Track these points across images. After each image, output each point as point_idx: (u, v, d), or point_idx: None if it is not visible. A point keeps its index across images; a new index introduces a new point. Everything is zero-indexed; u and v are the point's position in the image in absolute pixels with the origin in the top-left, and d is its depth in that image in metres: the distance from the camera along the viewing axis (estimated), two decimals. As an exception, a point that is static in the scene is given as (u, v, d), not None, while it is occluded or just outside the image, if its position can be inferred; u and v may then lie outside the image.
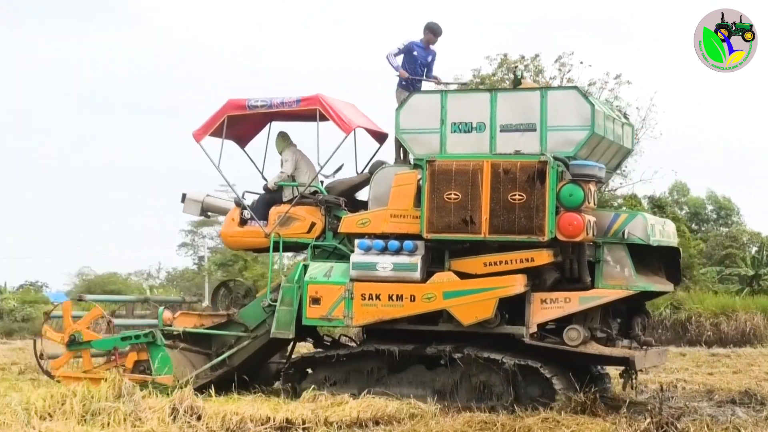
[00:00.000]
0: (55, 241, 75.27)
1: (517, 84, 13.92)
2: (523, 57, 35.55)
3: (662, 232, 13.58)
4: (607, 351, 12.99)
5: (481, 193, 12.80)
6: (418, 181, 13.18)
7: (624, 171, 36.69)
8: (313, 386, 13.05)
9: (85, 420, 10.58)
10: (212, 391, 12.51)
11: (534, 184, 12.65)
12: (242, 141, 15.63)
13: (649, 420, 10.93)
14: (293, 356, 14.70)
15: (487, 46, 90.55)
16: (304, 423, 10.92)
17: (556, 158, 12.74)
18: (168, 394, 11.78)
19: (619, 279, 12.96)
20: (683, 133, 73.51)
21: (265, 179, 15.01)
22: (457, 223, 12.88)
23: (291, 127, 15.34)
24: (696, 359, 22.18)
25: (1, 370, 16.53)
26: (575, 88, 13.14)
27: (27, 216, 77.48)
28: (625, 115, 14.89)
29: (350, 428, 11.06)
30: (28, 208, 78.89)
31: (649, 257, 13.85)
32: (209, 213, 16.01)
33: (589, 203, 12.66)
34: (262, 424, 10.76)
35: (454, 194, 12.89)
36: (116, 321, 14.46)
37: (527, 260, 12.79)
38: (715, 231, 52.12)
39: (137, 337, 13.68)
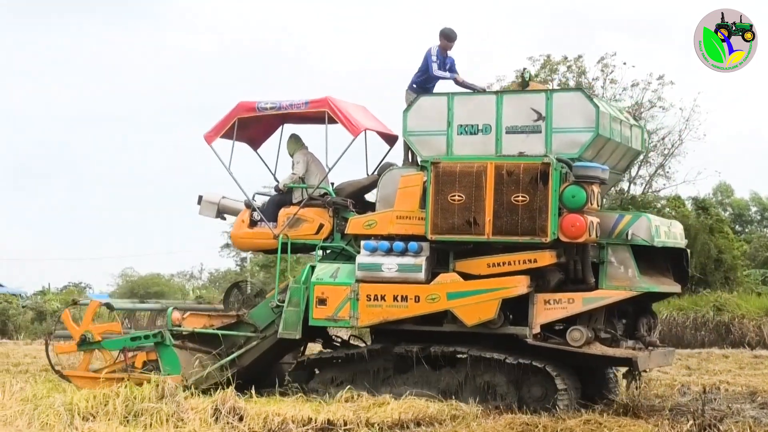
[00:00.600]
0: (99, 242, 75.95)
1: (524, 86, 13.95)
2: (566, 58, 35.67)
3: (668, 233, 13.60)
4: (610, 351, 13.03)
5: (485, 195, 12.89)
6: (424, 182, 13.28)
7: (668, 172, 36.82)
8: (345, 386, 13.14)
9: (127, 421, 10.68)
10: (253, 392, 12.55)
11: (537, 185, 12.72)
12: (255, 143, 15.81)
13: (691, 422, 10.94)
14: (301, 357, 14.80)
15: (530, 47, 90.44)
16: (345, 424, 11.00)
17: (559, 160, 12.80)
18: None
19: (623, 280, 12.99)
20: (728, 134, 73.04)
21: (277, 181, 15.18)
22: (461, 224, 12.97)
23: (303, 130, 15.51)
24: (739, 361, 22.09)
25: (45, 371, 16.67)
26: (580, 89, 13.22)
27: (71, 217, 78.28)
28: (635, 117, 14.90)
29: (391, 429, 11.14)
30: (72, 208, 79.67)
31: (657, 258, 13.89)
32: (225, 215, 16.17)
33: (592, 204, 12.70)
34: (303, 425, 10.86)
35: (458, 196, 12.99)
36: (117, 305, 14.62)
37: (530, 261, 12.86)
38: (759, 233, 51.81)
39: (146, 337, 13.88)
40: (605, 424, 11.10)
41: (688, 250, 14.30)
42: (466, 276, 13.12)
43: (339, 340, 15.02)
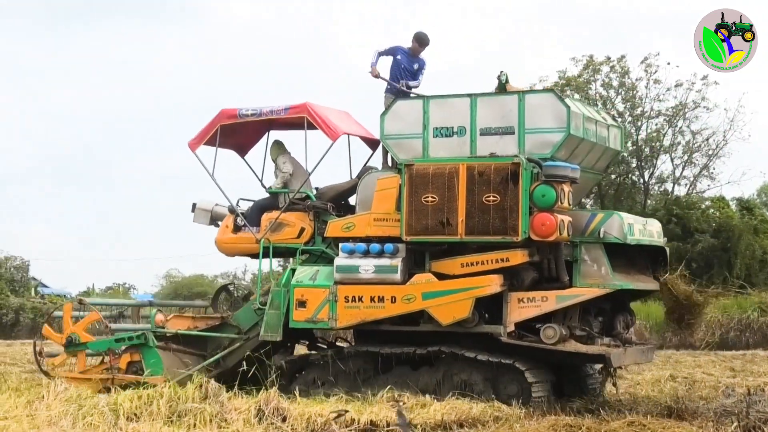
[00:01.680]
0: (143, 243, 76.63)
1: (501, 88, 14.12)
2: (608, 58, 35.80)
3: (643, 231, 13.73)
4: (583, 348, 13.16)
5: (457, 196, 13.08)
6: (400, 185, 13.49)
7: (712, 173, 36.88)
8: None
9: (171, 421, 10.72)
10: (296, 393, 12.63)
11: (507, 185, 12.90)
12: (242, 150, 16.08)
13: (736, 424, 10.89)
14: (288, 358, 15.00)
15: (574, 47, 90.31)
16: (388, 425, 11.07)
17: (530, 160, 12.97)
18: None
19: (596, 278, 13.13)
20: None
21: (264, 186, 15.43)
22: (435, 225, 13.17)
23: (288, 136, 15.76)
24: (785, 362, 21.86)
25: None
26: (551, 90, 13.40)
27: (115, 218, 78.98)
28: (614, 118, 15.05)
29: (434, 431, 11.18)
30: (116, 210, 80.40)
31: (635, 257, 14.05)
32: (218, 222, 16.42)
33: (562, 203, 12.85)
34: (346, 426, 10.94)
35: (431, 197, 13.19)
36: (113, 326, 14.92)
37: (502, 260, 13.03)
38: (804, 233, 51.47)
39: (130, 338, 14.16)
40: (649, 426, 10.95)
41: (667, 248, 14.42)
42: (441, 276, 13.31)
43: (323, 342, 15.22)
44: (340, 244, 13.81)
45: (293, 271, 14.13)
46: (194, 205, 16.15)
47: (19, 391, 12.59)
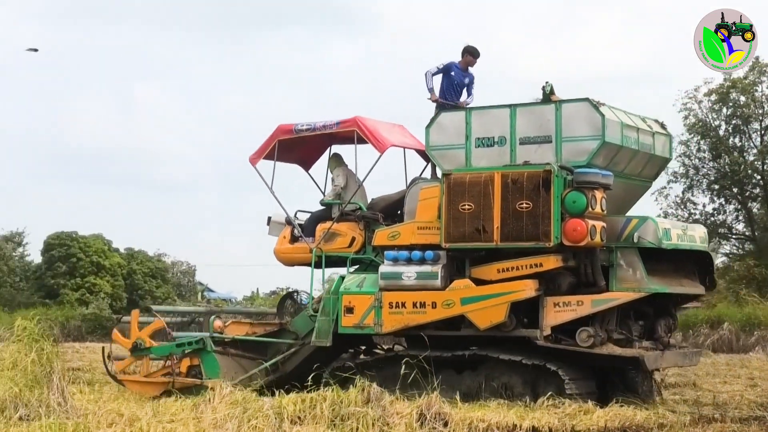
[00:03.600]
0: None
1: (546, 99, 14.44)
2: None
3: (681, 236, 13.88)
4: (617, 351, 13.39)
5: (493, 203, 13.48)
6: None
7: None
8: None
9: (334, 424, 10.84)
10: (458, 397, 12.64)
11: (540, 192, 13.25)
12: (305, 164, 16.79)
13: None
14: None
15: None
16: (550, 431, 11.07)
17: (562, 167, 13.30)
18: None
19: (632, 282, 13.36)
20: None
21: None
22: (471, 232, 13.60)
23: (350, 149, 16.34)
24: None
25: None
26: (587, 99, 13.64)
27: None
28: (663, 125, 15.18)
29: None
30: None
31: (683, 262, 14.24)
32: None
33: (593, 209, 13.13)
34: (508, 431, 11.01)
35: (468, 205, 13.63)
36: (176, 334, 15.71)
37: (536, 266, 13.38)
38: None
39: (189, 343, 14.93)
40: None
41: (711, 253, 14.53)
42: (479, 282, 13.72)
43: (383, 347, 15.74)
44: (385, 252, 14.33)
45: (342, 278, 14.70)
46: (269, 218, 16.85)
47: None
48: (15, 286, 50.45)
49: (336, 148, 16.39)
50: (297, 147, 16.18)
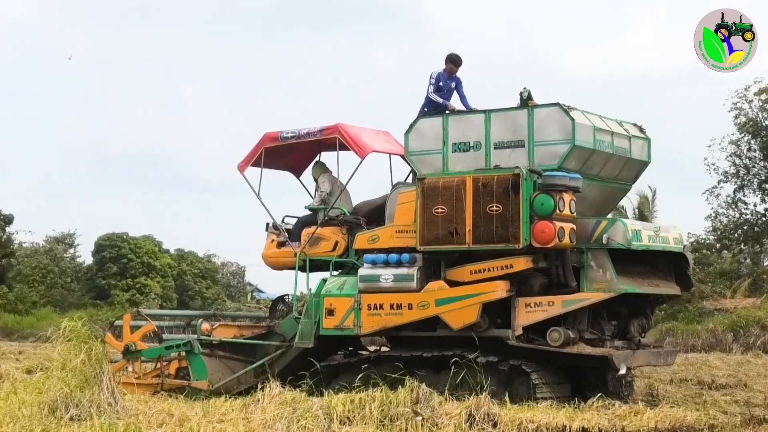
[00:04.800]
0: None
1: (523, 104, 14.69)
2: None
3: (653, 237, 14.12)
4: (586, 350, 13.65)
5: (465, 206, 13.82)
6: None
7: None
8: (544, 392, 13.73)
9: (383, 425, 10.84)
10: (507, 398, 12.68)
11: (509, 195, 13.56)
12: (296, 171, 17.19)
13: None
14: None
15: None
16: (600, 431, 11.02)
17: (532, 170, 13.61)
18: (203, 398, 13.26)
19: (602, 282, 13.63)
20: None
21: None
22: (444, 235, 13.94)
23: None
24: None
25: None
26: (557, 104, 13.92)
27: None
28: (641, 129, 15.39)
29: None
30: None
31: (660, 263, 14.49)
32: None
33: (561, 211, 13.42)
34: None
35: (441, 208, 13.97)
36: (145, 312, 16.17)
37: (507, 267, 13.69)
38: None
39: (177, 346, 15.36)
40: None
41: (688, 254, 14.76)
42: (453, 283, 14.04)
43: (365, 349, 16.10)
44: (364, 255, 14.69)
45: (325, 281, 15.08)
46: (268, 224, 17.26)
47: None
48: (66, 287, 51.18)
49: (325, 155, 16.78)
50: (286, 154, 16.59)
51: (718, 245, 38.87)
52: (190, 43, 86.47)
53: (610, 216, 15.65)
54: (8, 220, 48.45)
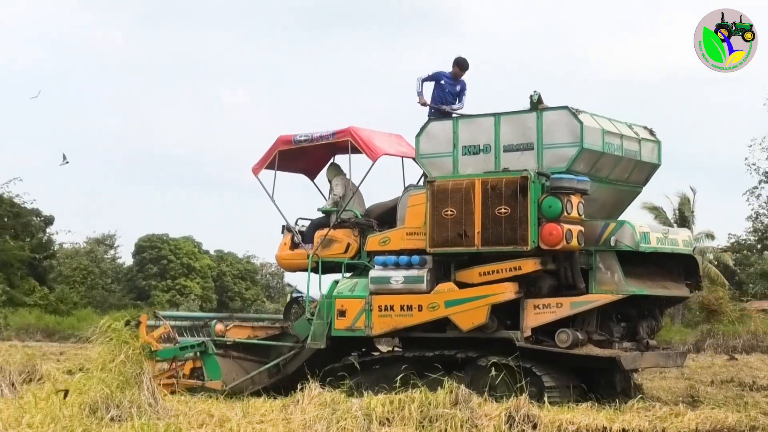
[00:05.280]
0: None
1: (533, 107, 14.80)
2: None
3: (662, 240, 14.21)
4: (595, 352, 13.75)
5: (474, 209, 13.95)
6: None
7: None
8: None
9: (422, 426, 10.83)
10: (546, 400, 12.60)
11: (517, 198, 13.69)
12: (311, 174, 17.38)
13: None
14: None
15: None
16: None
17: (540, 173, 13.73)
18: (217, 398, 13.46)
19: (610, 284, 13.73)
20: None
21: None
22: (454, 237, 14.08)
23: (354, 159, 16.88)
24: None
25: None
26: (566, 107, 14.03)
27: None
28: (651, 132, 15.48)
29: None
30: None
31: (669, 265, 14.59)
32: None
33: (569, 213, 13.53)
34: None
35: (451, 211, 14.10)
36: (162, 314, 16.39)
37: (515, 269, 13.82)
38: None
39: (192, 346, 15.56)
40: None
41: (697, 257, 14.84)
42: (463, 285, 14.18)
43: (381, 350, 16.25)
44: (375, 257, 14.85)
45: (336, 283, 15.25)
46: (283, 226, 17.46)
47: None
48: (107, 287, 51.72)
49: (340, 158, 16.95)
50: (300, 157, 16.76)
51: (759, 246, 38.79)
52: (228, 45, 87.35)
53: (623, 218, 15.71)
54: (49, 221, 49.18)
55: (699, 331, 28.37)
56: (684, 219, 46.72)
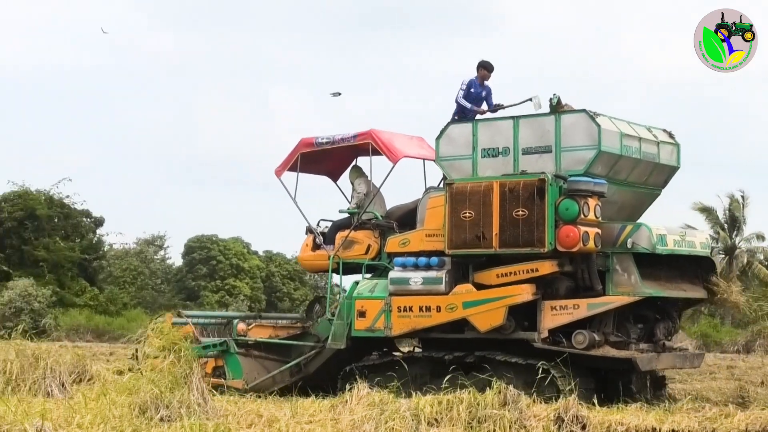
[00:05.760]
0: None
1: (553, 110, 14.90)
2: None
3: (679, 242, 14.30)
4: (611, 353, 13.87)
5: (492, 211, 14.10)
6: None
7: None
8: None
9: (471, 426, 10.77)
10: (596, 401, 12.40)
11: (534, 200, 13.83)
12: (333, 175, 17.58)
13: None
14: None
15: None
16: None
17: (557, 176, 13.86)
18: (239, 396, 13.64)
19: (627, 286, 13.85)
20: None
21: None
22: (472, 239, 14.24)
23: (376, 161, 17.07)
24: None
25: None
26: (584, 111, 14.16)
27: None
28: (671, 135, 15.57)
29: None
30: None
31: (686, 267, 14.69)
32: None
33: (586, 216, 13.66)
34: None
35: (469, 213, 14.26)
36: (187, 313, 16.64)
37: (532, 270, 13.96)
38: None
39: (214, 346, 15.79)
40: None
41: (714, 259, 14.93)
42: (481, 286, 14.33)
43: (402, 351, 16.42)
44: (394, 259, 15.03)
45: (357, 284, 15.44)
46: (307, 228, 17.66)
47: None
48: (156, 288, 52.07)
49: (363, 160, 17.14)
50: (323, 159, 16.97)
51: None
52: (276, 46, 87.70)
53: (640, 221, 15.80)
54: (99, 222, 49.70)
55: (749, 331, 28.33)
56: (734, 220, 46.96)
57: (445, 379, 12.96)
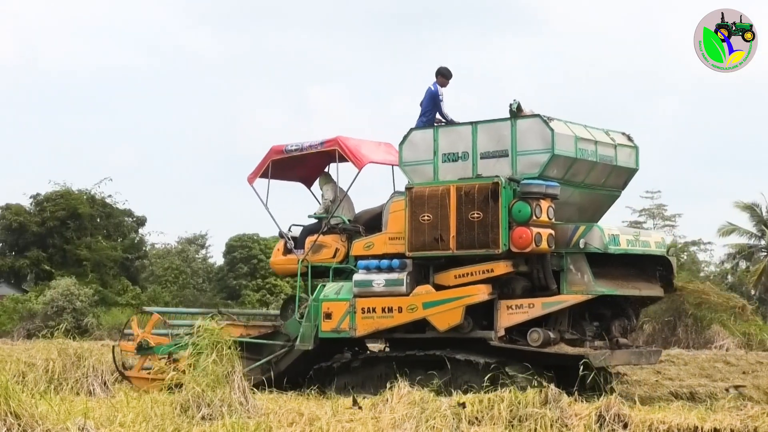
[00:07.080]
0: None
1: (513, 116, 15.31)
2: None
3: (632, 242, 14.72)
4: (564, 350, 14.28)
5: (449, 214, 14.55)
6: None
7: None
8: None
9: (512, 425, 10.72)
10: (637, 399, 12.62)
11: (489, 203, 14.28)
12: (307, 182, 18.06)
13: None
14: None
15: None
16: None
17: (511, 179, 14.30)
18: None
19: (580, 285, 14.28)
20: None
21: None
22: (430, 241, 14.70)
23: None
24: None
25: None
26: (538, 116, 14.60)
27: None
28: (629, 138, 15.97)
29: None
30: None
31: (644, 266, 15.11)
32: None
33: (539, 218, 14.09)
34: None
35: (427, 216, 14.72)
36: (174, 322, 17.07)
37: (488, 271, 14.40)
38: None
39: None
40: None
41: (671, 258, 15.34)
42: (440, 287, 14.78)
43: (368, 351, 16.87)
44: (358, 261, 15.49)
45: (324, 286, 15.91)
46: (280, 233, 18.12)
47: None
48: (198, 287, 52.23)
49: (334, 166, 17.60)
50: (295, 166, 17.45)
51: None
52: (315, 45, 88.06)
53: (599, 222, 16.21)
54: (141, 221, 50.34)
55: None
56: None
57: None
